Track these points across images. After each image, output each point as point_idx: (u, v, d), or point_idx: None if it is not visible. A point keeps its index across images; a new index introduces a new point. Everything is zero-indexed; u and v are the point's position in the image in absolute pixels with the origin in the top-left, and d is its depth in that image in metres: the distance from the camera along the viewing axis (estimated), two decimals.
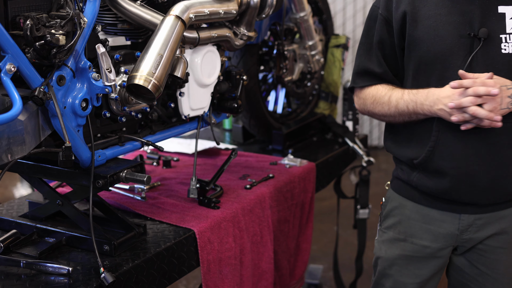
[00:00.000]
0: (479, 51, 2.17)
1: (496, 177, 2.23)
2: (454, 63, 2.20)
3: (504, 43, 2.17)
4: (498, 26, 2.17)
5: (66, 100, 2.09)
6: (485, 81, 2.09)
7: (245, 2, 2.65)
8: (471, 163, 2.23)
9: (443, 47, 2.21)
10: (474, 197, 2.27)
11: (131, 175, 2.26)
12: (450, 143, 2.24)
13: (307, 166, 3.14)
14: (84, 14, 2.10)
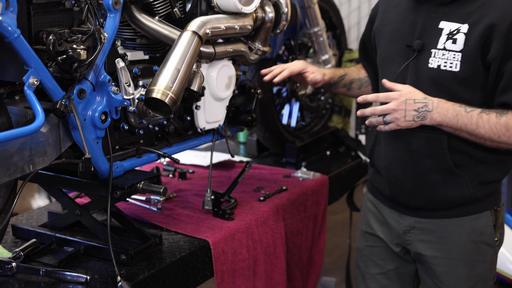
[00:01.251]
0: (412, 61, 2.32)
1: (418, 183, 2.38)
2: (392, 68, 2.38)
3: (432, 57, 2.28)
4: (433, 40, 2.28)
5: (86, 113, 2.14)
6: (389, 94, 2.25)
7: (260, 17, 2.71)
8: (397, 167, 2.40)
9: (389, 53, 2.41)
10: (403, 199, 2.43)
11: (148, 186, 2.31)
12: (383, 145, 2.44)
13: (320, 179, 3.18)
14: (105, 29, 2.16)
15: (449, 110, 2.23)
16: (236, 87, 2.78)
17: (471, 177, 2.33)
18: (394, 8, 2.46)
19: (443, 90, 2.27)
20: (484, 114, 2.21)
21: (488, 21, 2.19)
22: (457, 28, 2.25)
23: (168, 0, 2.45)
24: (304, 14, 3.31)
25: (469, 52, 2.22)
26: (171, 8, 2.46)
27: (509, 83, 2.21)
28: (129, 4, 2.36)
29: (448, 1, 2.29)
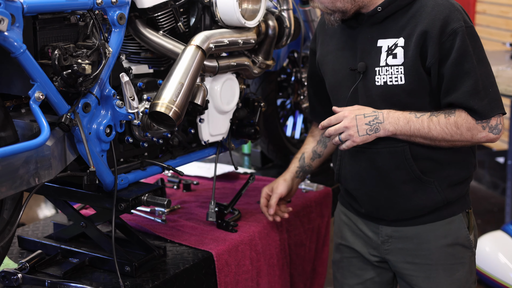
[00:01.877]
0: (359, 83, 2.36)
1: (391, 197, 2.41)
2: (342, 94, 2.41)
3: (377, 75, 2.32)
4: (375, 59, 2.32)
5: (91, 126, 2.18)
6: (338, 115, 2.31)
7: (264, 31, 2.74)
8: (367, 184, 2.43)
9: (336, 80, 2.44)
10: (379, 213, 2.46)
11: (152, 199, 2.34)
12: (348, 167, 2.47)
13: (323, 191, 3.20)
14: (109, 44, 2.20)
15: (399, 118, 2.28)
16: (240, 100, 2.81)
17: (439, 182, 2.38)
18: (331, 38, 2.49)
19: (394, 104, 2.31)
20: (434, 117, 2.28)
21: (420, 29, 2.25)
22: (394, 43, 2.30)
23: (173, 15, 2.48)
24: (307, 27, 3.34)
25: (409, 63, 2.27)
26: (175, 22, 2.50)
27: (450, 84, 2.26)
28: (134, 19, 2.39)
29: (380, 20, 2.33)
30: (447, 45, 2.23)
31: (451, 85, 2.26)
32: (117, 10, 2.21)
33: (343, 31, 2.43)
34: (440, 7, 2.25)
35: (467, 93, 2.24)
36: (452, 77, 2.25)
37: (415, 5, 2.29)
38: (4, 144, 1.93)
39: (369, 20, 2.34)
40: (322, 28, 2.55)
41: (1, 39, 1.83)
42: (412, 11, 2.29)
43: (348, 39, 2.41)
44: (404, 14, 2.30)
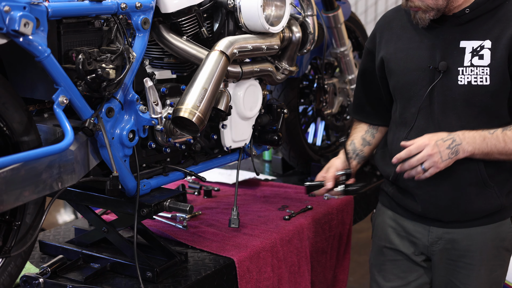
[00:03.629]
0: (438, 82, 2.38)
1: (454, 197, 2.43)
2: (417, 92, 2.43)
3: (461, 75, 2.35)
4: (457, 59, 2.36)
5: (114, 131, 2.17)
6: (419, 144, 2.30)
7: (287, 37, 2.72)
8: (432, 184, 2.42)
9: (409, 78, 2.44)
10: (437, 214, 2.47)
11: (174, 205, 2.33)
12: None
13: (345, 198, 3.17)
14: (133, 49, 2.19)
15: (475, 137, 2.31)
16: (263, 106, 2.79)
17: (499, 187, 2.43)
18: (399, 37, 2.50)
19: (475, 105, 2.36)
20: (507, 131, 2.33)
21: (511, 32, 2.31)
22: (479, 45, 2.34)
23: (196, 20, 2.47)
24: (330, 33, 3.32)
25: (497, 64, 2.32)
26: (199, 27, 2.48)
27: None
28: (158, 24, 2.39)
29: (464, 22, 2.37)
30: None
31: None
32: (141, 15, 2.21)
33: (416, 30, 2.46)
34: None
35: None
36: None
37: (501, 10, 2.36)
38: (28, 148, 1.93)
39: (452, 21, 2.38)
40: (386, 27, 2.57)
41: (26, 42, 1.82)
42: (498, 16, 2.36)
43: (424, 38, 2.44)
44: (489, 18, 2.36)
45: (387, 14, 2.63)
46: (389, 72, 2.53)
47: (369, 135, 2.74)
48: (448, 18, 2.39)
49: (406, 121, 2.47)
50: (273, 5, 2.62)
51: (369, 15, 5.54)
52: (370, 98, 2.69)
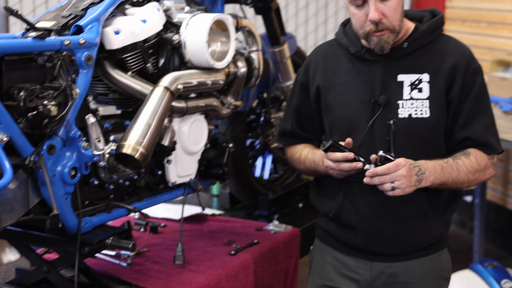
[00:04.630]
0: (379, 115, 2.40)
1: (397, 230, 2.46)
2: (358, 126, 2.44)
3: (401, 108, 2.40)
4: (397, 93, 2.41)
5: (56, 169, 2.14)
6: (397, 163, 2.25)
7: (233, 72, 2.73)
8: (375, 218, 2.45)
9: (349, 112, 2.46)
10: (381, 248, 2.49)
11: (116, 242, 2.30)
12: (355, 200, 2.48)
13: (292, 231, 3.18)
14: (76, 85, 2.18)
15: (435, 167, 2.34)
16: (208, 141, 2.79)
17: (438, 218, 2.47)
18: (335, 71, 2.51)
19: (415, 137, 2.40)
20: (458, 160, 2.38)
21: (448, 65, 2.39)
22: (417, 78, 2.41)
23: (141, 56, 2.47)
24: (276, 68, 3.35)
25: (436, 97, 2.39)
26: (144, 63, 2.48)
27: (468, 118, 2.40)
28: (102, 60, 2.38)
29: (401, 56, 2.43)
30: (469, 82, 2.40)
31: (469, 119, 2.40)
32: (85, 52, 2.20)
33: (352, 64, 2.49)
34: (462, 47, 2.46)
35: (484, 128, 2.42)
36: (471, 113, 2.40)
37: (435, 44, 2.44)
38: None
39: (390, 55, 2.42)
40: (321, 60, 2.57)
41: None
42: (433, 50, 2.44)
43: (361, 72, 2.47)
44: (425, 52, 2.44)
45: (320, 47, 2.64)
46: (326, 106, 2.53)
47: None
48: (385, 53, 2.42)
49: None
50: (218, 41, 2.64)
51: None
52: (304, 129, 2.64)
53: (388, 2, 2.34)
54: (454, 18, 5.54)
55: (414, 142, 2.40)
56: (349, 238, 2.53)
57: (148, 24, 2.46)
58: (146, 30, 2.45)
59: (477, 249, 4.72)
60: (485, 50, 5.13)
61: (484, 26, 5.18)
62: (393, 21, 2.36)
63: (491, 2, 5.08)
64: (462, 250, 5.06)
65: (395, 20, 2.36)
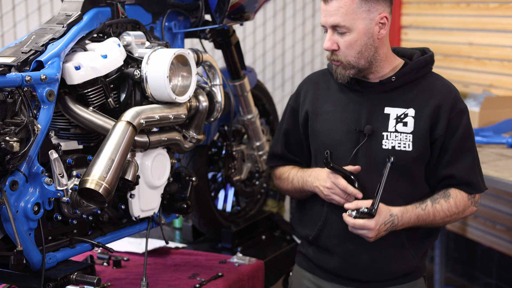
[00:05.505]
0: (363, 144, 2.48)
1: (374, 257, 2.52)
2: (342, 154, 2.51)
3: (385, 139, 2.47)
4: (382, 124, 2.48)
5: (19, 205, 2.14)
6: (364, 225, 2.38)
7: (194, 106, 2.76)
8: (353, 243, 2.51)
9: (335, 139, 2.53)
10: (356, 274, 2.54)
11: (81, 277, 2.30)
12: (336, 224, 2.53)
13: (255, 264, 3.19)
14: (38, 120, 2.18)
15: (411, 218, 2.45)
16: (171, 175, 2.80)
17: (415, 250, 2.54)
18: (325, 98, 2.60)
19: (397, 169, 2.45)
20: (436, 205, 2.48)
21: (434, 103, 2.47)
22: (403, 112, 2.48)
23: (103, 91, 2.48)
24: (237, 101, 3.38)
25: (419, 132, 2.46)
26: (106, 98, 2.50)
27: (453, 157, 2.48)
28: (63, 95, 2.39)
29: (389, 90, 2.50)
30: (454, 121, 2.46)
31: (454, 158, 2.48)
32: (46, 87, 2.21)
33: (342, 93, 2.56)
34: (449, 87, 2.53)
35: (468, 168, 2.48)
36: (456, 152, 2.47)
37: (423, 81, 2.51)
38: None
39: (378, 87, 2.50)
40: (312, 87, 2.65)
41: None
42: (421, 86, 2.50)
43: (350, 102, 2.53)
44: (412, 88, 2.50)
45: (313, 75, 2.72)
46: (312, 132, 2.61)
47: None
48: (374, 85, 2.51)
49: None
50: (179, 75, 2.66)
51: (276, 81, 5.66)
52: (292, 153, 2.75)
53: (345, 36, 2.41)
54: None
55: (396, 173, 2.46)
56: (326, 262, 2.58)
57: (108, 59, 2.47)
58: (107, 65, 2.47)
59: (438, 278, 4.77)
60: None
61: (440, 59, 5.28)
62: (347, 56, 2.43)
63: (445, 35, 5.19)
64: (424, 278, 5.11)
65: (349, 55, 2.43)
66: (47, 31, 2.40)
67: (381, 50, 2.47)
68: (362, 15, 2.39)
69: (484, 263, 4.92)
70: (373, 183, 2.46)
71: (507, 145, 3.91)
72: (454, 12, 5.08)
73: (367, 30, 2.41)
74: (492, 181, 3.43)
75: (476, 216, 4.92)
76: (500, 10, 4.62)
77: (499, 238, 4.75)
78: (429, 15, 5.37)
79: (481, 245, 4.93)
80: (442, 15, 5.21)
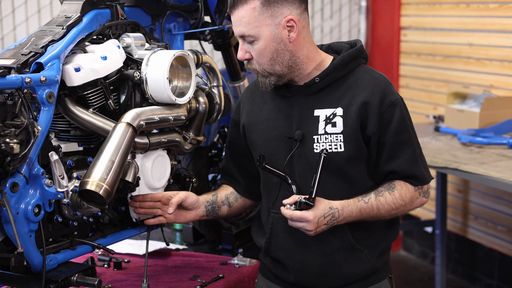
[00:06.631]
0: (296, 151, 2.44)
1: (324, 264, 2.46)
2: (277, 162, 2.46)
3: (316, 143, 2.41)
4: (312, 128, 2.42)
5: (19, 206, 2.14)
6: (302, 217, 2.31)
7: (194, 108, 2.76)
8: (301, 252, 2.47)
9: (270, 148, 2.50)
10: (310, 282, 2.49)
11: (82, 279, 2.30)
12: (281, 235, 2.50)
13: (256, 265, 3.18)
14: (38, 122, 2.18)
15: (353, 211, 2.37)
16: (171, 176, 2.80)
17: (369, 250, 2.46)
18: (260, 108, 2.56)
19: (332, 171, 2.40)
20: (380, 197, 2.40)
21: (360, 100, 2.38)
22: (332, 112, 2.40)
23: (102, 93, 2.48)
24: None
25: (349, 131, 2.38)
26: (105, 100, 2.50)
27: (391, 152, 2.40)
28: (63, 97, 2.39)
29: (316, 91, 2.44)
30: (386, 115, 2.37)
31: (392, 153, 2.39)
32: (46, 89, 2.21)
33: (274, 101, 2.51)
34: (376, 80, 2.41)
35: (408, 161, 2.40)
36: (393, 146, 2.39)
37: (351, 77, 2.42)
38: None
39: (305, 90, 2.43)
40: (248, 98, 2.62)
41: None
42: (348, 83, 2.41)
43: (281, 108, 2.48)
44: (340, 85, 2.42)
45: (250, 86, 2.68)
46: (251, 143, 2.58)
47: (233, 197, 2.75)
48: (300, 88, 2.45)
49: (271, 191, 2.53)
50: (179, 77, 2.66)
51: None
52: (240, 170, 2.72)
53: (254, 45, 2.38)
54: (409, 51, 5.65)
55: (332, 176, 2.41)
56: (281, 273, 2.55)
57: (108, 61, 2.47)
58: (106, 67, 2.47)
59: (439, 280, 4.77)
60: (441, 83, 5.24)
61: (440, 60, 5.29)
62: (261, 64, 2.40)
63: (445, 35, 5.19)
64: (424, 280, 5.10)
65: (262, 63, 2.39)
66: (47, 33, 2.41)
67: (299, 52, 2.40)
68: (265, 21, 2.34)
69: (485, 264, 4.92)
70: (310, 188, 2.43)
71: (508, 145, 3.91)
72: (453, 13, 5.08)
73: (274, 35, 2.36)
74: (493, 181, 3.44)
75: (477, 217, 4.92)
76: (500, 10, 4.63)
77: (500, 239, 4.75)
78: (428, 16, 5.38)
79: (482, 246, 4.93)
80: (441, 16, 5.22)
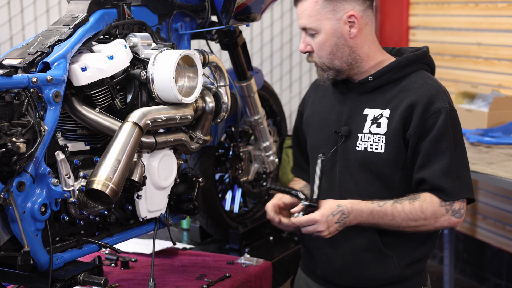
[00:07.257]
0: (340, 146, 2.47)
1: (349, 261, 2.47)
2: (323, 154, 2.50)
3: (359, 141, 2.43)
4: (359, 126, 2.45)
5: (26, 205, 2.14)
6: (308, 220, 2.35)
7: (201, 107, 2.76)
8: (328, 246, 2.50)
9: (319, 140, 2.55)
10: (334, 277, 2.52)
11: (88, 278, 2.30)
12: None
13: (263, 265, 3.19)
14: (45, 122, 2.19)
15: (363, 210, 2.36)
16: (178, 176, 2.80)
17: (399, 257, 2.44)
18: (320, 100, 2.63)
19: (370, 171, 2.42)
20: (398, 204, 2.36)
21: (407, 102, 2.37)
22: (380, 113, 2.42)
23: (109, 92, 2.49)
24: (244, 102, 3.38)
25: (392, 134, 2.38)
26: (112, 99, 2.50)
27: (425, 159, 2.35)
28: (70, 96, 2.39)
29: (370, 90, 2.46)
30: (429, 122, 2.33)
31: (426, 161, 2.34)
32: (52, 88, 2.21)
33: (333, 95, 2.57)
34: (428, 86, 2.39)
35: (440, 171, 2.33)
36: (429, 153, 2.34)
37: (405, 80, 2.42)
38: None
39: (359, 88, 2.47)
40: (313, 91, 2.70)
41: None
42: (401, 86, 2.42)
43: (336, 103, 2.54)
44: (393, 87, 2.43)
45: (316, 80, 2.72)
46: (307, 134, 2.66)
47: (307, 190, 2.75)
48: (355, 85, 2.48)
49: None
50: (185, 76, 2.67)
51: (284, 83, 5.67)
52: (307, 159, 2.74)
53: (315, 38, 2.42)
54: None
55: (370, 176, 2.42)
56: (311, 264, 2.59)
57: (115, 61, 2.48)
58: (113, 67, 2.47)
59: (447, 280, 4.76)
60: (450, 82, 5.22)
61: (448, 59, 5.27)
62: (321, 57, 2.43)
63: (454, 35, 5.18)
64: (433, 280, 5.08)
65: (322, 57, 2.43)
66: (54, 33, 2.41)
67: (359, 49, 2.43)
68: (327, 15, 2.38)
69: (493, 264, 4.90)
70: (347, 185, 2.45)
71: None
72: (462, 12, 5.07)
73: (334, 30, 2.40)
74: (501, 181, 3.42)
75: (486, 217, 4.91)
76: (509, 10, 4.61)
77: (509, 239, 4.74)
78: (437, 16, 5.36)
79: (490, 246, 4.91)
80: (450, 15, 5.20)
